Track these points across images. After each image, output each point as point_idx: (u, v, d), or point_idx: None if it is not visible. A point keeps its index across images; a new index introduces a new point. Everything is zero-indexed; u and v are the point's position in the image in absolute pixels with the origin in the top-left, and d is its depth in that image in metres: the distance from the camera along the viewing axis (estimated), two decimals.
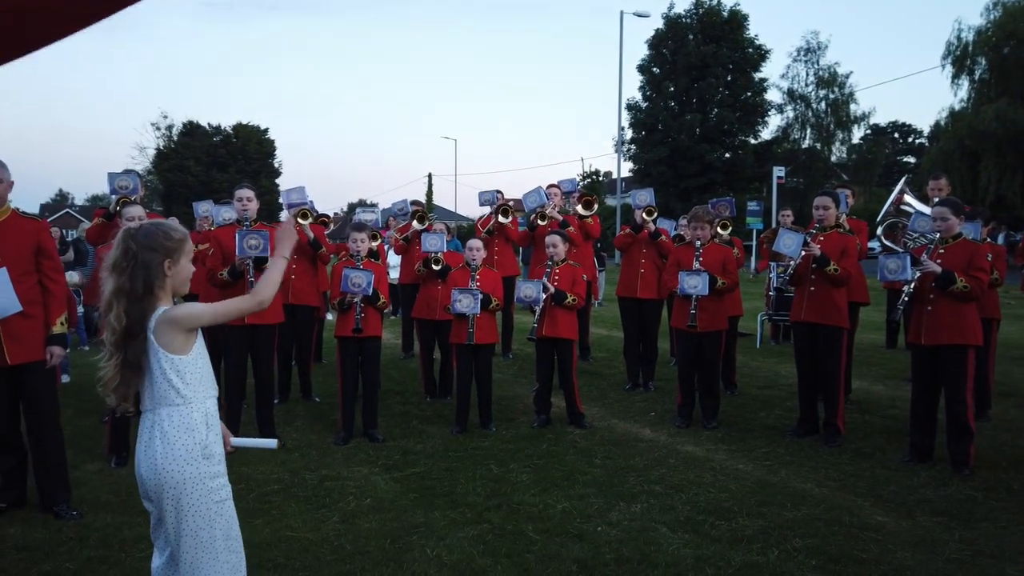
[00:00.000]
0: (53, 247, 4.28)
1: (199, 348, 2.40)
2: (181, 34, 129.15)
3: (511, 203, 8.77)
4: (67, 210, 59.36)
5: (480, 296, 5.78)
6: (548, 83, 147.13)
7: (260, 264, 5.38)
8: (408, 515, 4.12)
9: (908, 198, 7.09)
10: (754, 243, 22.22)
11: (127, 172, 6.15)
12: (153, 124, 55.04)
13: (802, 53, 36.75)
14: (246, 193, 5.53)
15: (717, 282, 5.89)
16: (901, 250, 5.75)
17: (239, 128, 51.18)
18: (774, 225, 16.11)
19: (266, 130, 52.27)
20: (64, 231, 15.90)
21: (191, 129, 50.94)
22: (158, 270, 2.32)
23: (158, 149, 51.31)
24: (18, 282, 3.96)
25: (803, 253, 5.48)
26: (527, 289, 5.96)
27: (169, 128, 51.90)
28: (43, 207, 65.11)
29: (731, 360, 7.23)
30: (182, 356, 2.33)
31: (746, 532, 3.88)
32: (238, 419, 5.50)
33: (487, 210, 8.55)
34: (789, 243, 5.52)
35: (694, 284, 5.82)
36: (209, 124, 51.41)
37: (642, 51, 36.98)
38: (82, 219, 33.30)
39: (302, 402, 6.92)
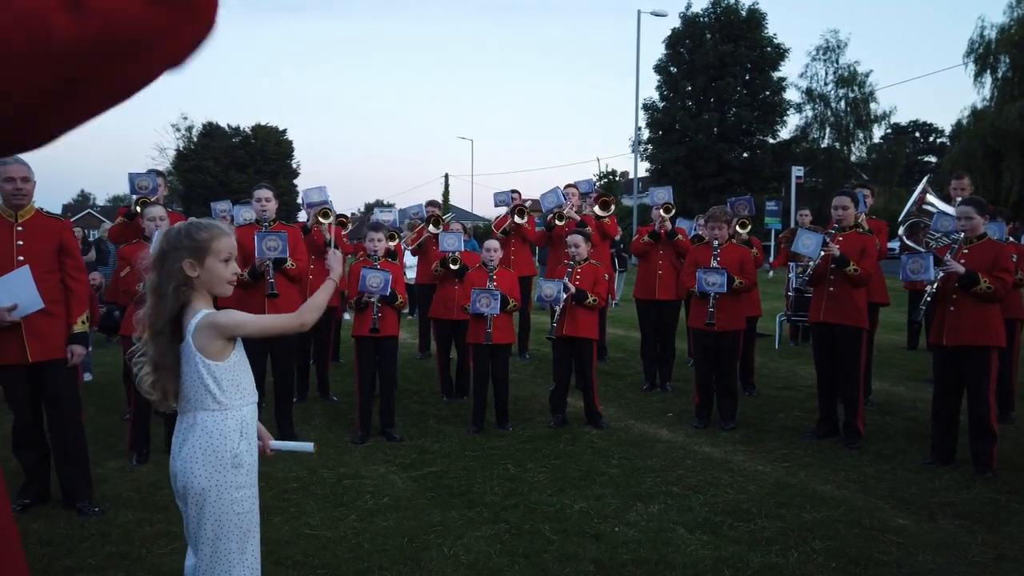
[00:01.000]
0: (76, 246, 4.33)
1: (237, 355, 2.41)
2: None
3: (527, 203, 8.77)
4: (89, 210, 60.03)
5: (499, 296, 5.79)
6: (565, 83, 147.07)
7: (279, 265, 5.42)
8: (425, 514, 4.14)
9: (930, 197, 7.01)
10: (772, 243, 22.09)
11: (148, 172, 6.21)
12: (173, 125, 55.72)
13: (821, 52, 36.50)
14: (265, 193, 5.57)
15: (735, 282, 5.86)
16: (923, 250, 5.69)
17: (258, 129, 51.60)
18: (792, 225, 16.00)
19: (284, 131, 52.68)
20: (86, 231, 16.12)
21: (210, 130, 51.41)
22: (179, 270, 2.32)
23: (178, 150, 51.84)
24: (40, 280, 3.99)
25: (822, 253, 5.44)
26: (547, 288, 5.95)
27: (189, 129, 52.43)
28: (65, 207, 65.96)
29: (749, 361, 7.18)
30: (218, 362, 2.34)
31: (765, 534, 3.85)
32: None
33: (503, 210, 8.56)
34: (808, 243, 5.48)
35: (713, 282, 5.79)
36: (228, 125, 51.87)
37: (660, 51, 36.68)
38: (104, 219, 33.75)
39: (320, 401, 6.96)
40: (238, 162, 49.71)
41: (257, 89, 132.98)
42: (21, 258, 4.00)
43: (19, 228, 4.06)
